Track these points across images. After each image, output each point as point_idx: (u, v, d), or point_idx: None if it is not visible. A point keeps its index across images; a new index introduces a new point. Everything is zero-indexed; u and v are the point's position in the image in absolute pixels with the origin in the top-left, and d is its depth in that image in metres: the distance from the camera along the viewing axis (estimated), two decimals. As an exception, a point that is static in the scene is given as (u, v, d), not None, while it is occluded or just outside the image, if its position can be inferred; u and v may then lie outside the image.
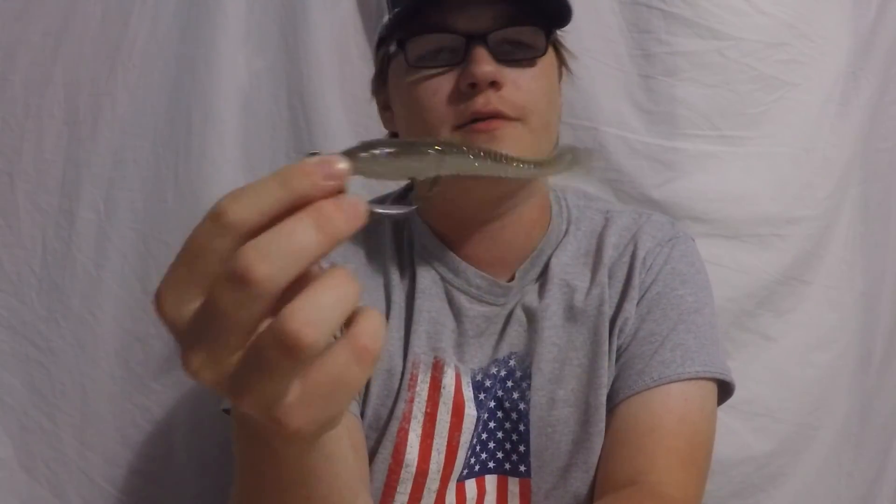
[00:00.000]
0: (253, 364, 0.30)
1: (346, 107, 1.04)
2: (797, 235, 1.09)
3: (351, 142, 1.17)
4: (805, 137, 1.09)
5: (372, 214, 0.31)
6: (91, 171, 1.01)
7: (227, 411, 0.77)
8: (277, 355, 0.29)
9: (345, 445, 0.47)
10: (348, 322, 0.31)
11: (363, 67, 1.01)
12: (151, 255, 1.02)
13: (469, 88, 0.66)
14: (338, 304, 0.30)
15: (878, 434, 1.17)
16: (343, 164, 0.31)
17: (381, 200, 0.84)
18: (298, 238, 0.29)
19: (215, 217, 0.30)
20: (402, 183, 0.83)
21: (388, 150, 0.34)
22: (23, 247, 1.02)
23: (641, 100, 1.07)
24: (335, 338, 0.31)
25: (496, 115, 0.67)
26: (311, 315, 0.29)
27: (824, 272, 1.11)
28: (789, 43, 1.07)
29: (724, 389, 0.74)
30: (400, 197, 0.83)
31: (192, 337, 0.31)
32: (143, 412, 1.03)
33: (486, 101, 0.66)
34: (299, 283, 0.30)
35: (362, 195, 0.31)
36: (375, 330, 0.31)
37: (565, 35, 0.77)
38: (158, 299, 0.31)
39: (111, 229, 1.02)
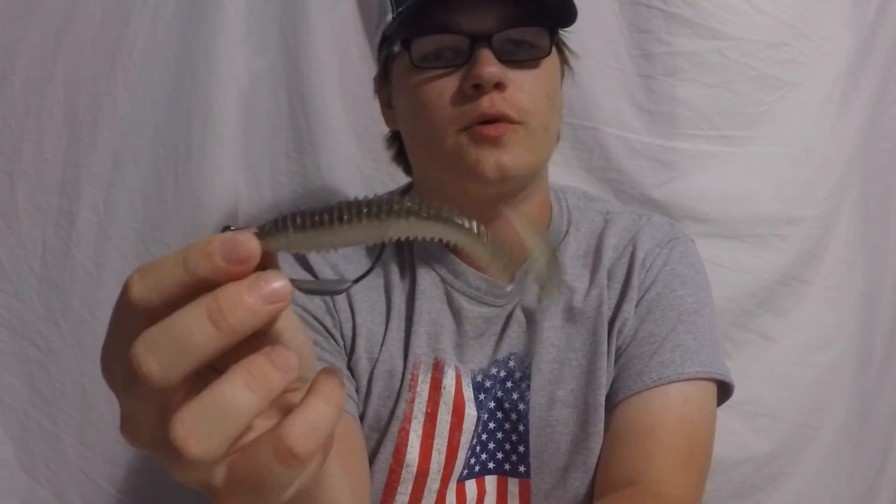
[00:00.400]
0: (250, 468, 0.30)
1: (346, 107, 1.04)
2: (797, 235, 1.09)
3: (351, 141, 1.17)
4: (805, 137, 1.09)
5: (301, 289, 0.29)
6: (91, 171, 1.01)
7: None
8: (274, 464, 0.29)
9: (336, 480, 0.44)
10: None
11: (363, 67, 1.01)
12: (151, 255, 1.02)
13: (473, 90, 0.66)
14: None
15: (878, 434, 1.17)
16: (251, 244, 0.28)
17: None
18: (191, 335, 0.27)
19: (123, 292, 0.29)
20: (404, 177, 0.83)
21: (310, 223, 0.30)
22: (23, 247, 1.01)
23: (641, 100, 1.07)
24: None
25: (501, 118, 0.67)
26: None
27: (824, 272, 1.11)
28: (789, 43, 1.07)
29: (724, 390, 0.74)
30: (402, 193, 0.83)
31: (120, 409, 0.31)
32: (143, 412, 1.03)
33: (490, 102, 0.66)
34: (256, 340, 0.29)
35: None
36: (312, 428, 0.29)
37: (566, 35, 0.77)
38: (101, 364, 0.31)
39: (111, 229, 1.02)
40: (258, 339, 0.30)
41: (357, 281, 0.35)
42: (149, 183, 1.02)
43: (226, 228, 0.30)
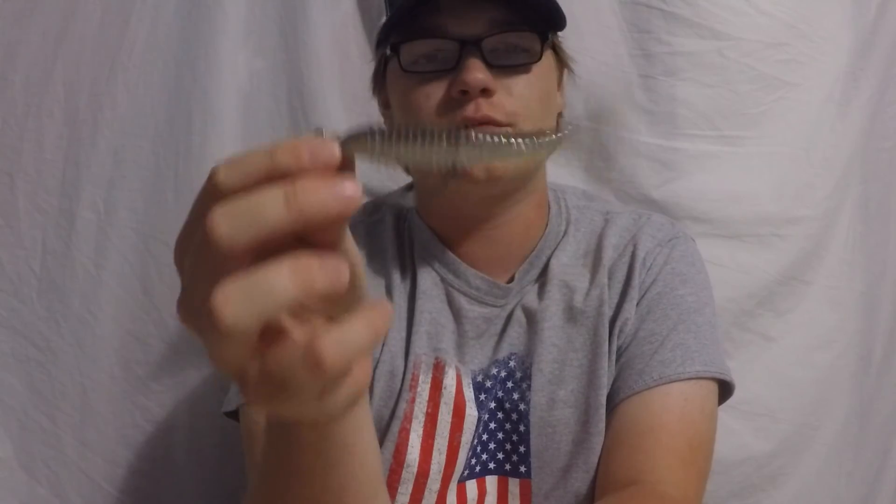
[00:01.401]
0: (275, 370, 0.31)
1: (346, 107, 1.04)
2: (797, 235, 1.09)
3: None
4: (805, 137, 1.09)
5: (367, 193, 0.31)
6: (91, 171, 1.01)
7: (227, 414, 0.77)
8: (301, 371, 0.30)
9: (365, 440, 0.47)
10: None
11: (363, 67, 1.01)
12: (151, 255, 1.02)
13: (460, 95, 0.66)
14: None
15: (878, 434, 1.17)
16: (335, 150, 0.31)
17: (380, 201, 0.84)
18: (264, 207, 0.29)
19: (209, 177, 0.31)
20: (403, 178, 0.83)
21: (394, 136, 0.33)
22: (23, 247, 1.01)
23: (641, 100, 1.07)
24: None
25: (486, 122, 0.66)
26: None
27: (824, 272, 1.11)
28: (789, 43, 1.07)
29: (724, 389, 0.74)
30: (404, 192, 0.83)
31: (181, 284, 0.33)
32: (143, 412, 1.03)
33: (476, 108, 0.66)
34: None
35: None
36: (345, 344, 0.31)
37: (566, 35, 0.77)
38: (174, 249, 0.33)
39: (111, 229, 1.02)
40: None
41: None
42: (149, 183, 1.02)
43: (317, 130, 0.32)
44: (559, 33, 0.76)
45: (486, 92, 0.66)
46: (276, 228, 0.30)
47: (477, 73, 0.65)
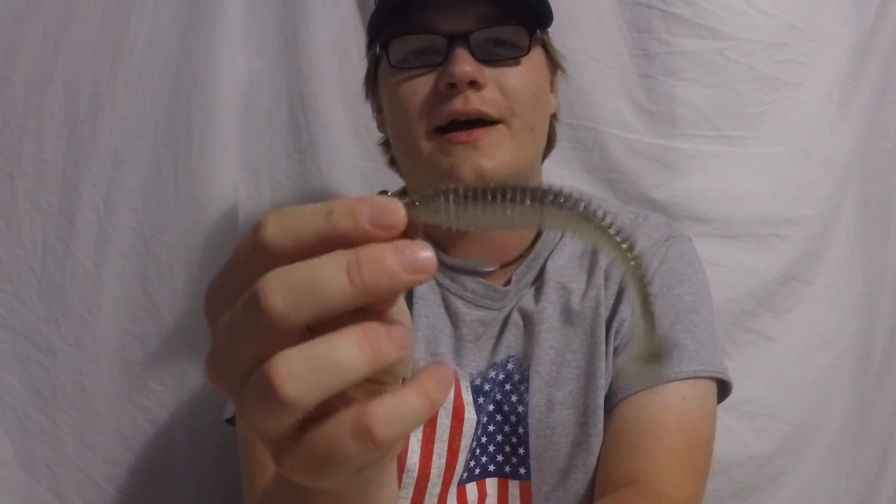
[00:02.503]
0: (321, 443, 0.29)
1: (346, 107, 1.04)
2: (797, 235, 1.09)
3: (351, 141, 1.17)
4: (805, 137, 1.09)
5: (444, 265, 0.28)
6: (91, 171, 1.01)
7: (228, 421, 0.77)
8: (349, 442, 0.28)
9: (386, 496, 0.42)
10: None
11: (363, 67, 1.01)
12: (151, 255, 1.02)
13: (448, 89, 0.66)
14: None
15: (878, 434, 1.17)
16: (400, 213, 0.28)
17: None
18: (325, 281, 0.27)
19: (255, 232, 0.29)
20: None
21: (469, 196, 0.29)
22: (23, 247, 1.01)
23: (641, 100, 1.07)
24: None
25: (477, 116, 0.66)
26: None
27: (824, 272, 1.11)
28: (789, 43, 1.07)
29: (723, 389, 0.74)
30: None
31: (213, 341, 0.30)
32: (143, 412, 1.03)
33: (465, 101, 0.66)
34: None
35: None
36: (398, 416, 0.28)
37: (566, 35, 0.77)
38: (205, 297, 0.31)
39: (111, 229, 1.02)
40: (366, 310, 0.29)
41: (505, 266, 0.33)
42: (149, 183, 1.02)
43: (382, 192, 0.30)
44: (557, 33, 0.76)
45: (474, 85, 0.66)
46: (338, 305, 0.27)
47: (464, 65, 0.65)
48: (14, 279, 1.01)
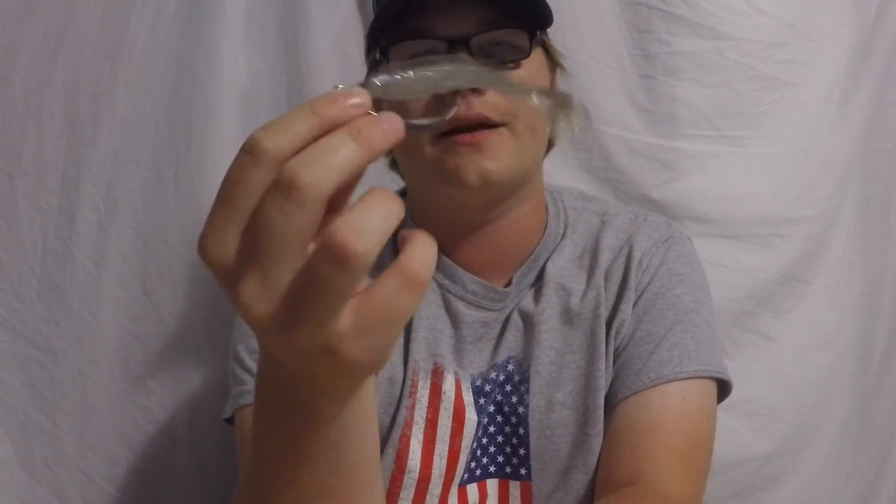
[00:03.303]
0: (306, 285, 0.31)
1: (345, 107, 1.04)
2: (797, 235, 1.09)
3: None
4: (805, 137, 1.09)
5: (408, 127, 0.33)
6: (91, 171, 1.01)
7: (228, 421, 0.77)
8: (329, 270, 0.30)
9: (373, 412, 0.45)
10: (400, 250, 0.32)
11: (363, 67, 1.01)
12: (151, 255, 1.02)
13: (451, 95, 0.65)
14: (384, 218, 0.31)
15: (878, 434, 1.17)
16: (364, 92, 0.33)
17: None
18: (339, 149, 0.31)
19: (250, 148, 0.31)
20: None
21: (401, 72, 0.36)
22: (23, 247, 1.02)
23: (641, 100, 1.07)
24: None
25: (480, 121, 0.66)
26: (359, 226, 0.30)
27: (824, 272, 1.11)
28: (789, 43, 1.07)
29: (723, 388, 0.74)
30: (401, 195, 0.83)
31: (241, 268, 0.32)
32: (143, 412, 1.03)
33: (468, 106, 0.65)
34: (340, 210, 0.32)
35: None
36: (424, 256, 0.32)
37: (566, 35, 0.77)
38: (202, 244, 0.33)
39: (111, 229, 1.02)
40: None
41: (447, 118, 0.42)
42: (149, 183, 1.02)
43: (335, 86, 0.34)
44: (557, 33, 0.76)
45: (476, 90, 0.65)
46: (354, 167, 0.31)
47: None
48: (14, 279, 1.02)
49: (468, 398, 0.74)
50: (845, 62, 1.10)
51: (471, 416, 0.73)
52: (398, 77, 0.36)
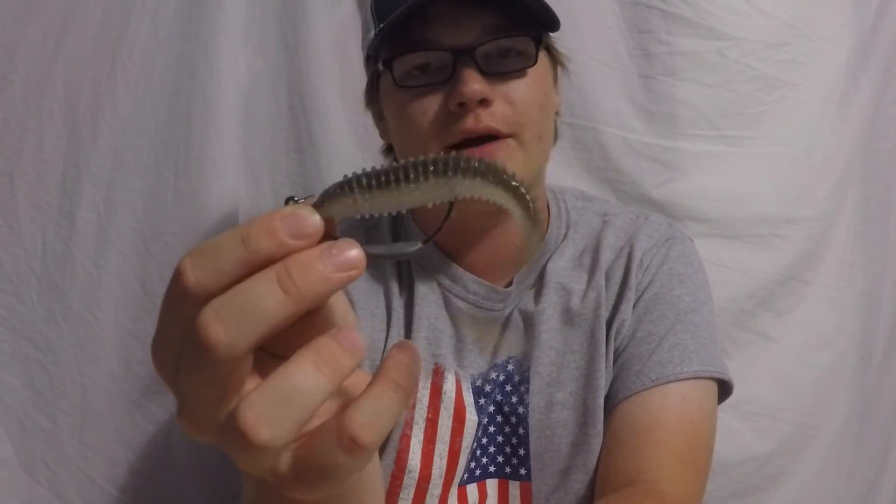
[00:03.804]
0: (311, 465, 0.29)
1: (346, 107, 1.04)
2: (797, 235, 1.09)
3: (351, 141, 1.17)
4: (805, 137, 1.09)
5: (371, 258, 0.28)
6: (91, 171, 1.01)
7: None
8: (340, 456, 0.28)
9: (375, 488, 0.43)
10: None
11: (363, 68, 1.01)
12: (151, 255, 1.02)
13: (458, 108, 0.65)
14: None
15: (878, 434, 1.17)
16: (315, 218, 0.28)
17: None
18: (260, 299, 0.27)
19: (176, 281, 0.28)
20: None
21: (372, 184, 0.29)
22: (23, 247, 1.01)
23: (641, 100, 1.07)
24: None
25: (488, 133, 0.65)
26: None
27: (824, 272, 1.11)
28: (789, 43, 1.07)
29: (723, 389, 0.74)
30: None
31: (177, 397, 0.30)
32: (143, 412, 1.03)
33: (476, 119, 0.65)
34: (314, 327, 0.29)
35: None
36: (375, 416, 0.28)
37: (566, 35, 0.77)
38: (153, 360, 0.31)
39: (111, 229, 1.02)
40: (311, 320, 0.29)
41: (427, 242, 0.34)
42: (149, 183, 1.02)
43: (289, 200, 0.29)
44: (558, 33, 0.75)
45: (484, 102, 0.65)
46: (279, 320, 0.27)
47: (473, 83, 0.64)
48: (14, 279, 1.01)
49: (468, 398, 0.74)
50: (845, 62, 1.10)
51: (471, 417, 0.73)
52: (359, 193, 0.30)
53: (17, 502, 1.02)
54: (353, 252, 0.28)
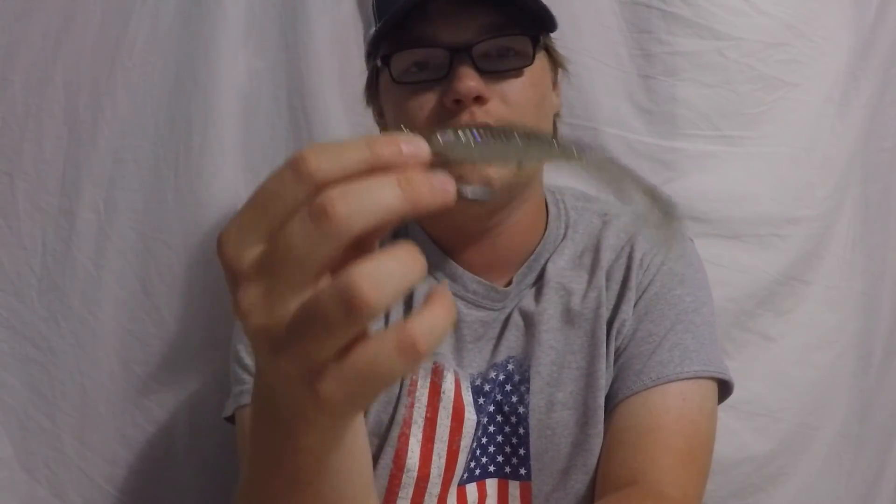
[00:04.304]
0: (308, 316, 0.30)
1: (346, 107, 1.04)
2: (797, 235, 1.09)
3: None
4: (805, 137, 1.09)
5: (458, 194, 0.32)
6: (91, 171, 1.01)
7: (228, 420, 0.77)
8: (335, 310, 0.29)
9: (363, 442, 0.46)
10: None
11: (363, 67, 1.01)
12: (151, 255, 1.02)
13: (454, 104, 0.65)
14: (404, 273, 0.30)
15: (878, 434, 1.17)
16: (426, 147, 0.32)
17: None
18: (381, 191, 0.30)
19: (296, 165, 0.30)
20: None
21: (473, 135, 0.34)
22: (23, 247, 1.01)
23: (641, 100, 1.07)
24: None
25: None
26: (376, 276, 0.29)
27: (824, 272, 1.11)
28: (789, 43, 1.07)
29: (723, 389, 0.74)
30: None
31: (251, 275, 0.32)
32: (143, 412, 1.03)
33: (470, 117, 0.65)
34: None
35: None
36: (433, 325, 0.31)
37: (566, 35, 0.77)
38: (222, 240, 0.32)
39: (111, 229, 1.02)
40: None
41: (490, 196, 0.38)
42: (149, 183, 1.02)
43: (401, 129, 0.33)
44: (557, 33, 0.75)
45: (479, 100, 0.65)
46: (391, 214, 0.30)
47: (469, 80, 0.64)
48: (14, 279, 1.01)
49: (467, 398, 0.74)
50: (845, 62, 1.10)
51: (470, 416, 0.73)
52: (462, 139, 0.34)
53: (17, 502, 1.02)
54: (451, 182, 0.31)
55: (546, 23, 0.71)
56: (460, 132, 0.34)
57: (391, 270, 0.30)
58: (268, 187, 0.31)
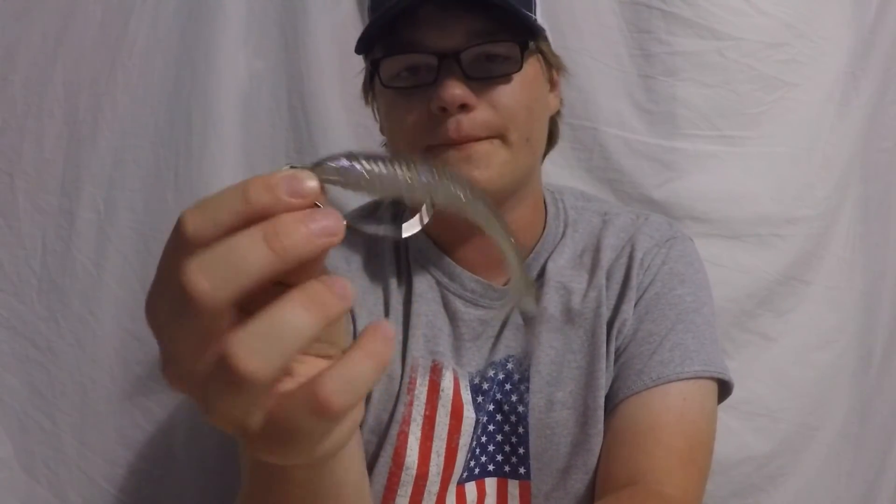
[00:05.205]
0: (277, 422, 0.30)
1: (346, 107, 1.04)
2: (797, 235, 1.09)
3: (351, 141, 1.17)
4: (805, 137, 1.09)
5: (354, 230, 0.29)
6: (91, 171, 1.02)
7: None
8: (305, 417, 0.29)
9: (355, 470, 0.46)
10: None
11: (363, 68, 1.01)
12: (151, 255, 1.02)
13: (440, 111, 0.65)
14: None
15: (878, 434, 1.17)
16: (312, 182, 0.29)
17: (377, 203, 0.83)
18: (245, 254, 0.27)
19: (177, 228, 0.29)
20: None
21: (366, 167, 0.31)
22: (23, 247, 1.02)
23: (641, 100, 1.07)
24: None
25: (468, 141, 0.65)
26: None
27: (824, 272, 1.11)
28: (789, 43, 1.07)
29: (723, 389, 0.74)
30: (373, 209, 0.81)
31: (161, 347, 0.31)
32: (143, 412, 1.03)
33: (456, 125, 0.65)
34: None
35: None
36: (350, 382, 0.29)
37: (566, 35, 0.77)
38: (146, 310, 0.31)
39: (111, 229, 1.02)
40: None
41: (399, 228, 0.35)
42: (149, 183, 1.02)
43: (286, 167, 0.30)
44: (557, 33, 0.75)
45: (465, 107, 0.65)
46: (261, 275, 0.28)
47: (454, 89, 0.64)
48: (14, 279, 1.02)
49: (466, 396, 0.74)
50: (845, 62, 1.10)
51: (468, 414, 0.73)
52: (359, 169, 0.31)
53: (17, 502, 1.02)
54: (335, 219, 0.29)
55: (534, 28, 0.70)
56: (356, 162, 0.31)
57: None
58: (164, 253, 0.30)
